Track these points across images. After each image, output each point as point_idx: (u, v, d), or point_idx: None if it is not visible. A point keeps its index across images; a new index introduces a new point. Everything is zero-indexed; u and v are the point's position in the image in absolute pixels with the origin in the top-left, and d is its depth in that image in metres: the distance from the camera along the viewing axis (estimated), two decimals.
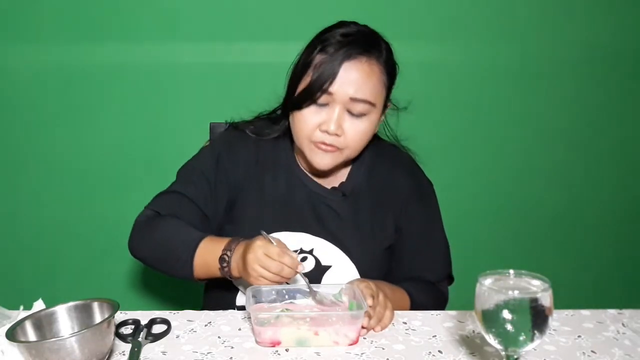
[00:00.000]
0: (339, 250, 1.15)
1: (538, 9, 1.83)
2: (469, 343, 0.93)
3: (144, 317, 0.99)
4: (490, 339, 0.73)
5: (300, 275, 0.97)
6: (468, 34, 1.83)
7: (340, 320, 0.91)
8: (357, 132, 1.08)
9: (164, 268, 1.09)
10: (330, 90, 1.04)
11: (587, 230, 2.02)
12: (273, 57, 1.74)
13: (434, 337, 0.95)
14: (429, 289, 1.21)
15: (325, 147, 1.08)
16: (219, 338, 0.94)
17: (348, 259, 1.15)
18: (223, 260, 1.00)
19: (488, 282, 0.74)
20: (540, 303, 0.70)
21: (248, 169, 1.17)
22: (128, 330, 0.96)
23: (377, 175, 1.22)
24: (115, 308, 0.84)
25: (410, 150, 1.29)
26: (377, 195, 1.20)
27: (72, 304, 0.88)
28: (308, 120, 1.07)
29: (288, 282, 0.98)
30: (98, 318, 0.86)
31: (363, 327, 0.94)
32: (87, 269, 1.91)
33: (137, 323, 0.97)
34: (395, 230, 1.21)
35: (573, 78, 1.89)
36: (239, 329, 0.97)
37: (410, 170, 1.25)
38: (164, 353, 0.89)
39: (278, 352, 0.89)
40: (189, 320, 1.00)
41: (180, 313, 1.02)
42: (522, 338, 0.71)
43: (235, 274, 1.00)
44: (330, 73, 1.03)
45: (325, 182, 1.20)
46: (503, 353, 0.74)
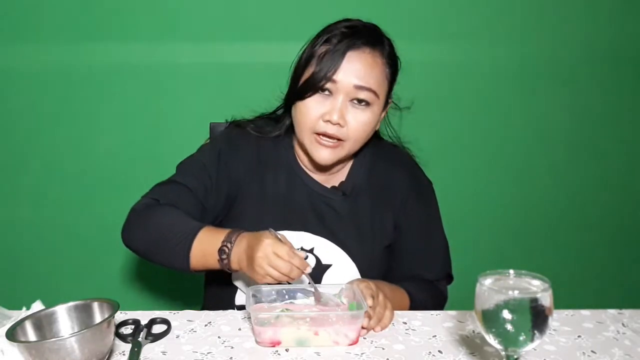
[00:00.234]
0: (339, 249, 1.15)
1: (538, 9, 1.83)
2: (469, 343, 0.93)
3: (144, 317, 0.99)
4: (490, 339, 0.73)
5: (306, 276, 0.96)
6: (468, 34, 1.83)
7: (340, 320, 0.91)
8: (359, 123, 1.08)
9: (159, 258, 1.05)
10: (335, 78, 1.05)
11: (587, 230, 2.02)
12: (273, 57, 1.74)
13: (434, 337, 0.95)
14: (428, 288, 1.21)
15: (327, 141, 1.08)
16: (219, 338, 0.94)
17: (348, 258, 1.15)
18: (222, 252, 0.97)
19: (488, 282, 0.74)
20: (540, 303, 0.70)
21: (249, 167, 1.17)
22: (128, 330, 0.96)
23: (376, 175, 1.22)
24: (115, 308, 0.84)
25: (411, 151, 1.29)
26: (376, 195, 1.20)
27: (72, 304, 0.88)
28: (311, 111, 1.07)
29: (290, 282, 0.97)
30: (98, 318, 0.86)
31: (363, 327, 0.94)
32: (87, 269, 1.90)
33: (137, 323, 0.97)
34: (395, 229, 1.21)
35: (573, 78, 1.89)
36: (239, 329, 0.97)
37: (410, 170, 1.26)
38: (164, 353, 0.89)
39: (278, 352, 0.89)
40: (189, 320, 1.00)
41: (180, 313, 1.02)
42: (522, 338, 0.71)
43: (235, 267, 0.98)
44: (334, 62, 1.04)
45: (326, 181, 1.20)
46: (503, 353, 0.74)
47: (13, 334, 0.79)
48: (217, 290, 1.21)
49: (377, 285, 1.02)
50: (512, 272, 0.76)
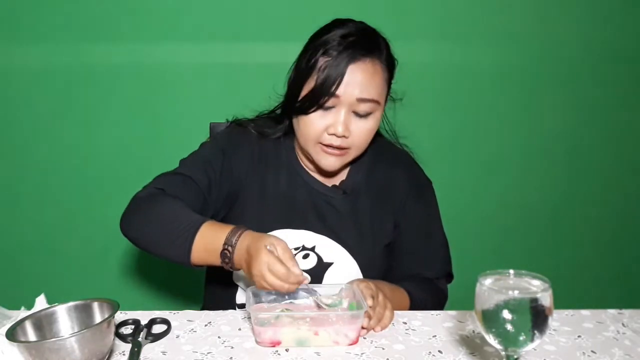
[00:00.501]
0: (341, 248, 1.15)
1: (538, 9, 1.83)
2: (469, 343, 0.93)
3: (144, 317, 0.99)
4: (490, 339, 0.73)
5: (303, 290, 0.96)
6: (468, 34, 1.83)
7: (340, 320, 0.91)
8: (363, 131, 1.09)
9: (159, 250, 1.01)
10: (337, 93, 1.04)
11: (587, 230, 2.02)
12: (273, 57, 1.74)
13: (434, 337, 0.95)
14: (429, 287, 1.21)
15: (333, 150, 1.08)
16: (219, 338, 0.94)
17: (350, 256, 1.15)
18: (224, 256, 0.96)
19: (488, 282, 0.74)
20: (540, 303, 0.70)
21: (250, 165, 1.17)
22: (128, 330, 0.96)
23: (376, 173, 1.22)
24: (115, 308, 0.84)
25: (410, 149, 1.29)
26: (376, 193, 1.21)
27: (72, 304, 0.87)
28: (315, 124, 1.07)
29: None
30: (98, 318, 0.86)
31: (363, 327, 0.94)
32: (87, 269, 1.91)
33: (137, 323, 0.97)
34: (395, 228, 1.21)
35: (573, 78, 1.89)
36: (239, 329, 0.97)
37: (410, 169, 1.26)
38: (164, 353, 0.89)
39: (278, 352, 0.89)
40: (189, 320, 1.00)
41: (180, 313, 1.02)
42: (522, 338, 0.71)
43: (239, 267, 0.96)
44: (336, 76, 1.03)
45: (326, 180, 1.20)
46: (503, 353, 0.74)
47: (13, 334, 0.79)
48: (217, 289, 1.22)
49: (377, 285, 1.02)
50: (512, 272, 0.76)
